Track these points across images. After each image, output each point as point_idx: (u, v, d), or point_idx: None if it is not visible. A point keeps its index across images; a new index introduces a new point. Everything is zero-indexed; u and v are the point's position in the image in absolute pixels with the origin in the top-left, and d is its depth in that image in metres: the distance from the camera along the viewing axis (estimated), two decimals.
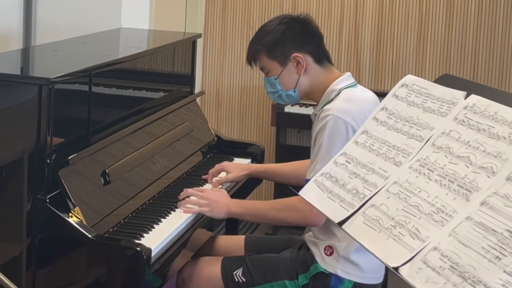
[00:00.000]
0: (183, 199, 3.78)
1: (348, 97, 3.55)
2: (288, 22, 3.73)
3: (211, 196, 3.75)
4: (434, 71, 6.73)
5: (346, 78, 3.66)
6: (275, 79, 3.71)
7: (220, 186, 4.12)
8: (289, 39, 3.68)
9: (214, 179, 4.19)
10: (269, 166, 4.41)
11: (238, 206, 3.75)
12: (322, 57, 3.71)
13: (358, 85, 3.70)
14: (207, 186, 4.05)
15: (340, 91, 3.58)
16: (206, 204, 3.67)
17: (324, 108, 3.55)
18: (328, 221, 3.48)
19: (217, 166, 4.25)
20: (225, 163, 4.29)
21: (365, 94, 3.64)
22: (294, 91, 3.71)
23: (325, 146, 3.42)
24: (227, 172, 4.21)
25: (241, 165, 4.29)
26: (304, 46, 3.68)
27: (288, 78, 3.69)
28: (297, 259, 3.64)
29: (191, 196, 3.78)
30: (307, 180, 3.43)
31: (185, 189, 3.85)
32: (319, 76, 3.68)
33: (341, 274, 3.51)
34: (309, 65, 3.67)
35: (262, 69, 3.78)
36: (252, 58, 3.78)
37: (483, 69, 6.64)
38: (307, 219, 3.51)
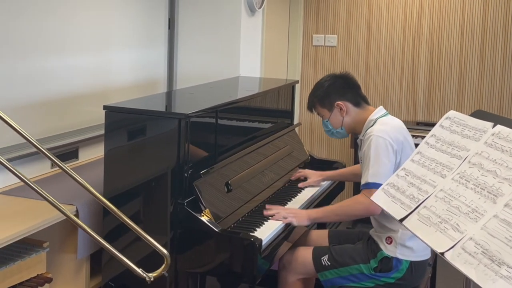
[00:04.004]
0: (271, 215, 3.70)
1: (383, 122, 3.60)
2: (331, 79, 3.82)
3: (293, 210, 3.75)
4: (470, 106, 6.67)
5: (379, 111, 3.71)
6: (327, 121, 3.79)
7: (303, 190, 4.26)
8: (332, 92, 3.75)
9: (299, 184, 4.29)
10: (335, 172, 4.42)
11: (315, 212, 3.73)
12: (359, 101, 3.75)
13: (389, 115, 3.73)
14: (291, 203, 4.02)
15: (376, 120, 3.63)
16: (292, 216, 3.63)
17: (366, 132, 3.60)
18: (386, 219, 3.55)
19: (300, 172, 4.36)
20: (306, 170, 4.38)
21: (394, 120, 3.68)
22: (341, 129, 3.78)
23: (372, 157, 3.47)
24: (308, 178, 4.29)
25: (317, 172, 4.34)
26: (345, 95, 3.74)
27: (335, 120, 3.76)
28: (368, 248, 3.65)
29: (278, 211, 3.71)
30: (364, 185, 3.50)
31: (269, 206, 3.76)
32: (359, 115, 3.73)
33: (399, 256, 3.53)
34: (349, 109, 3.73)
35: (318, 114, 3.85)
36: (310, 106, 3.87)
37: (507, 106, 6.59)
38: (368, 209, 3.50)
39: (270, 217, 3.66)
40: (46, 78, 4.08)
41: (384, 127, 3.56)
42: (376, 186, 3.38)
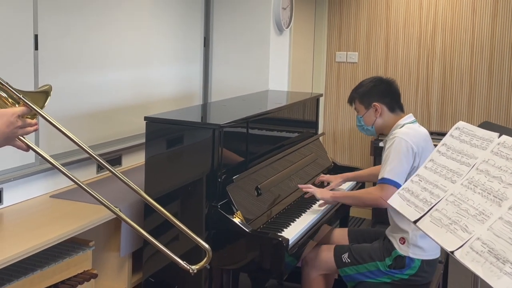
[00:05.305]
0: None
1: (409, 127, 3.62)
2: (377, 81, 3.82)
3: (319, 189, 3.95)
4: (480, 118, 6.66)
5: (408, 117, 3.72)
6: (361, 117, 3.80)
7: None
8: (373, 93, 3.76)
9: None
10: (353, 173, 4.41)
11: (338, 193, 3.91)
12: (395, 107, 3.75)
13: (416, 122, 3.74)
14: (315, 206, 4.03)
15: (404, 125, 3.65)
16: (318, 192, 3.84)
17: (392, 133, 3.63)
18: (400, 220, 3.57)
19: (323, 177, 4.34)
20: (326, 176, 4.35)
21: (420, 128, 3.68)
22: (372, 127, 3.79)
23: (392, 156, 3.49)
24: (330, 182, 4.27)
25: (337, 176, 4.31)
26: (383, 99, 3.74)
27: (368, 118, 3.78)
28: (383, 247, 3.66)
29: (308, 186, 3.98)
30: (380, 179, 3.51)
31: (304, 186, 3.98)
32: (390, 120, 3.74)
33: (412, 255, 3.55)
34: (383, 112, 3.74)
35: (355, 108, 3.87)
36: (351, 100, 3.88)
37: None
38: (376, 201, 3.51)
39: (304, 190, 3.94)
40: (93, 91, 4.14)
41: (409, 130, 3.59)
42: (390, 182, 3.46)
